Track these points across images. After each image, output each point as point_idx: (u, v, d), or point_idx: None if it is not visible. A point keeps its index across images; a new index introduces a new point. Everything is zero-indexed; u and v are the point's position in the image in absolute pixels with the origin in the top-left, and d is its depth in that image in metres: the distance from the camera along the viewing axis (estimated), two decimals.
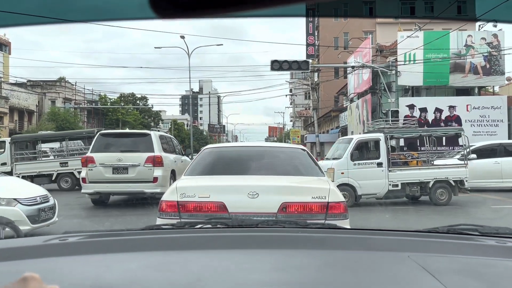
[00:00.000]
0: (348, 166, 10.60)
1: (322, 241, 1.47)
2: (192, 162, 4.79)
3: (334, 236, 1.57)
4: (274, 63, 19.57)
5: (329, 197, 3.64)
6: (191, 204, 3.65)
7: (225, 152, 5.10)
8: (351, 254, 1.36)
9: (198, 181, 4.21)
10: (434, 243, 1.43)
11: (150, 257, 1.30)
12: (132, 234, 1.59)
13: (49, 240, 1.46)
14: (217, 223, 1.79)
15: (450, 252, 1.33)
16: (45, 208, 6.42)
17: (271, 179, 4.19)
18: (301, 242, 1.46)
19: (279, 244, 1.42)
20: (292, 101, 64.38)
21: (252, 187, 3.71)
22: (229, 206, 3.64)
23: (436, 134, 12.04)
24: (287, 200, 3.65)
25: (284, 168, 4.59)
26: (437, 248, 1.36)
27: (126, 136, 11.28)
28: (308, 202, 3.67)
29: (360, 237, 1.55)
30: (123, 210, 10.43)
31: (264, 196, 3.65)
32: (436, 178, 10.82)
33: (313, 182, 4.25)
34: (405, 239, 1.49)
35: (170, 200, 3.71)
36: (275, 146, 5.97)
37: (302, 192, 3.85)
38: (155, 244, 1.43)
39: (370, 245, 1.42)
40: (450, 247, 1.39)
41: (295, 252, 1.36)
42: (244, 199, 3.64)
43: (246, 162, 4.54)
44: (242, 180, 4.09)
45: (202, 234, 1.57)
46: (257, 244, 1.43)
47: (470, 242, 1.45)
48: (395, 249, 1.38)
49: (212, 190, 3.75)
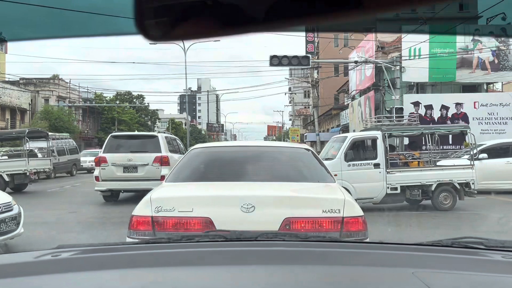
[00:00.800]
0: (342, 167, 9.56)
1: (324, 256, 1.44)
2: (176, 165, 4.03)
3: (336, 250, 1.54)
4: (273, 58, 18.79)
5: (344, 211, 2.96)
6: (169, 221, 2.93)
7: (216, 153, 4.34)
8: (354, 269, 1.32)
9: (179, 191, 3.50)
10: (438, 258, 1.40)
11: (145, 275, 1.27)
12: (127, 249, 1.57)
13: (41, 256, 1.40)
14: (215, 236, 1.79)
15: (455, 268, 1.30)
16: (6, 218, 5.49)
17: (270, 187, 3.46)
18: (302, 257, 1.42)
19: (279, 260, 1.39)
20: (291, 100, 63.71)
21: (247, 197, 3.05)
22: (217, 222, 2.91)
23: (440, 132, 11.01)
24: (291, 214, 2.93)
25: (287, 172, 3.85)
26: (442, 264, 1.34)
27: (135, 138, 12.52)
28: (317, 217, 2.93)
29: (362, 251, 1.51)
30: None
31: (261, 210, 2.98)
32: (439, 180, 9.77)
33: (323, 190, 3.53)
34: (409, 254, 1.45)
35: (142, 215, 2.99)
36: (275, 146, 5.15)
37: (310, 204, 3.14)
38: (151, 260, 1.40)
39: (373, 260, 1.39)
40: (455, 262, 1.36)
41: (295, 268, 1.32)
42: (236, 214, 2.91)
43: (241, 166, 3.85)
44: (234, 188, 3.43)
45: (199, 249, 1.53)
46: (256, 259, 1.40)
47: (476, 258, 1.42)
48: (399, 264, 1.35)
49: (196, 202, 3.09)
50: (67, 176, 23.87)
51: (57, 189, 16.55)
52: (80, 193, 14.95)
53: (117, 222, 7.89)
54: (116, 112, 47.72)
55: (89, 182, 19.73)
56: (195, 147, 4.46)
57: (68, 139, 26.18)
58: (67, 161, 24.28)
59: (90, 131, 47.91)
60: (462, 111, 20.38)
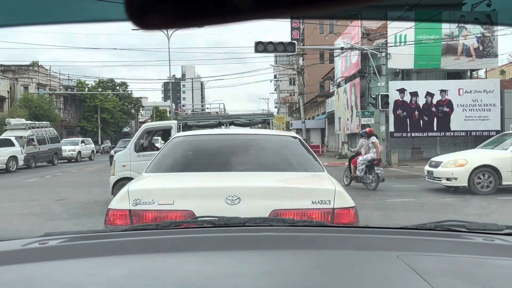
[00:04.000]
0: (131, 158, 9.10)
1: (311, 241, 1.46)
2: (157, 155, 3.85)
3: (323, 235, 1.54)
4: (259, 45, 18.46)
5: (334, 202, 2.82)
6: (148, 214, 2.76)
7: (199, 142, 4.15)
8: (340, 254, 1.35)
9: (159, 182, 3.33)
10: (422, 241, 1.43)
11: (134, 262, 1.28)
12: (115, 236, 1.55)
13: (28, 244, 1.39)
14: (203, 222, 1.78)
15: (438, 251, 1.33)
16: None
17: (256, 178, 3.31)
18: (289, 242, 1.44)
19: (267, 245, 1.40)
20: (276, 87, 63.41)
21: (232, 189, 2.90)
22: (200, 215, 2.66)
23: (240, 121, 10.84)
24: (279, 206, 2.79)
25: (273, 161, 3.69)
26: (426, 247, 1.37)
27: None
28: (307, 209, 2.79)
29: (349, 235, 1.54)
30: None
31: (247, 202, 2.81)
32: None
33: (312, 180, 3.38)
34: (394, 238, 1.49)
35: (119, 208, 2.83)
36: (261, 133, 4.95)
37: (299, 195, 2.97)
38: (139, 246, 1.39)
39: (359, 244, 1.41)
40: (438, 245, 1.40)
41: (283, 253, 1.34)
42: (220, 206, 2.73)
43: (225, 155, 3.68)
44: (218, 179, 3.28)
45: (187, 235, 1.52)
46: (244, 245, 1.42)
47: (458, 240, 1.46)
48: (384, 248, 1.38)
49: (178, 194, 2.91)
50: (48, 166, 23.35)
51: (36, 179, 16.09)
52: (63, 183, 14.54)
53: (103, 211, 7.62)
54: (99, 100, 46.83)
55: (70, 172, 19.32)
56: (177, 135, 4.27)
57: (49, 128, 25.60)
58: (48, 150, 23.77)
59: (72, 119, 46.99)
60: (446, 98, 20.46)
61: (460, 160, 10.50)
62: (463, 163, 10.35)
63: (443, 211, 8.41)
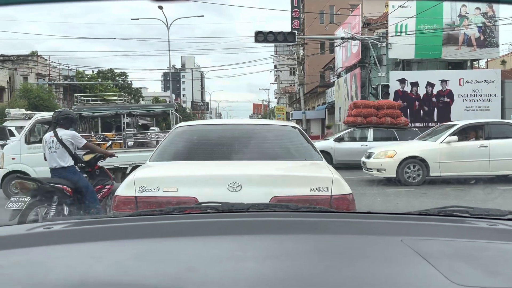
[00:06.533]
0: (21, 150, 8.68)
1: (314, 225, 1.46)
2: (161, 144, 3.97)
3: (326, 220, 1.56)
4: (259, 35, 18.41)
5: (332, 189, 2.97)
6: (153, 201, 2.89)
7: (201, 131, 4.23)
8: (344, 238, 1.35)
9: (164, 170, 3.45)
10: (426, 226, 1.44)
11: (139, 246, 1.28)
12: (119, 221, 1.57)
13: (33, 228, 1.42)
14: (207, 208, 1.81)
15: (442, 236, 1.34)
16: None
17: (257, 166, 3.41)
18: (293, 227, 1.45)
19: (271, 230, 1.40)
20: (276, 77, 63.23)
21: (234, 176, 3.03)
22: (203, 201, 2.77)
23: (138, 112, 10.73)
24: (279, 193, 2.90)
25: (274, 151, 3.81)
26: (430, 231, 1.38)
27: None
28: (305, 196, 2.92)
29: (352, 221, 1.53)
30: None
31: (249, 189, 2.94)
32: (134, 163, 8.98)
33: (311, 168, 3.52)
34: (398, 223, 1.50)
35: (126, 195, 2.96)
36: (262, 124, 5.05)
37: (298, 182, 3.10)
38: (144, 231, 1.40)
39: (363, 229, 1.41)
40: (442, 230, 1.40)
41: (287, 238, 1.34)
42: (222, 193, 2.87)
43: (227, 144, 3.81)
44: (220, 167, 3.38)
45: (191, 220, 1.53)
46: (248, 229, 1.42)
47: (462, 225, 1.47)
48: (388, 232, 1.38)
49: (182, 182, 3.04)
50: None
51: None
52: None
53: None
54: (98, 90, 46.75)
55: None
56: (179, 125, 4.35)
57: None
58: None
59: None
60: (447, 88, 20.41)
61: (389, 151, 10.52)
62: (392, 154, 10.37)
63: (444, 200, 8.46)
